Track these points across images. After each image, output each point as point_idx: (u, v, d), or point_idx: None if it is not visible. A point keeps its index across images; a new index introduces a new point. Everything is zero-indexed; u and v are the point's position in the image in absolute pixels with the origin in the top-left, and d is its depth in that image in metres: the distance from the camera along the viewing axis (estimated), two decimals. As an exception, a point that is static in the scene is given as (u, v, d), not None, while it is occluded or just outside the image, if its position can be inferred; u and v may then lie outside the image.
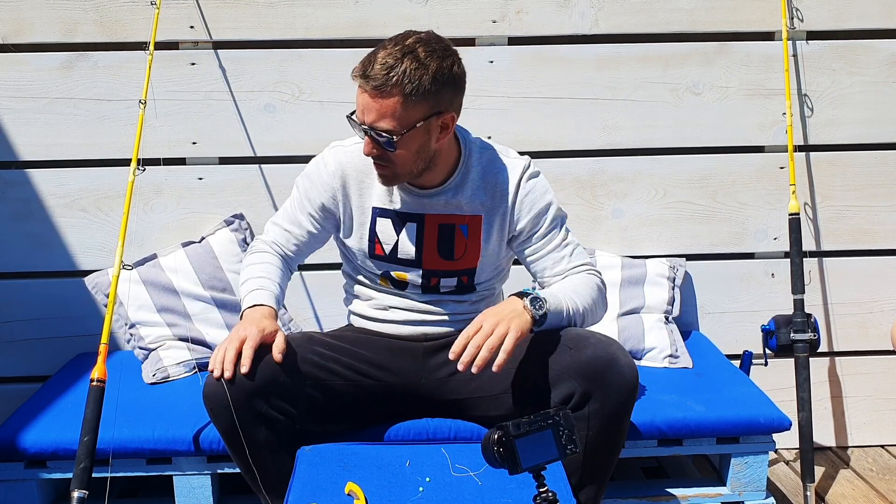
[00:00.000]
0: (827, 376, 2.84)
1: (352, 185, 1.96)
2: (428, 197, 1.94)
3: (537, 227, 1.97)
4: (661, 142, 2.68)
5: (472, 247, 1.96)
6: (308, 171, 2.02)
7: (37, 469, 2.11)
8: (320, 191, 1.98)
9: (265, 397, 1.77)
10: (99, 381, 1.84)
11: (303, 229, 2.01)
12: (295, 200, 2.03)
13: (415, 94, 1.75)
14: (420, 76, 1.74)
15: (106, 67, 2.53)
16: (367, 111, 1.77)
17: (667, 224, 2.72)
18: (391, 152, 1.80)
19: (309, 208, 2.00)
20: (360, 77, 1.76)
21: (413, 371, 1.98)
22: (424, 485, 1.71)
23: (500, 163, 1.97)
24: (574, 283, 1.93)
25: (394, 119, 1.76)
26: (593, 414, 1.78)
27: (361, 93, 1.77)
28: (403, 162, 1.83)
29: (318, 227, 2.01)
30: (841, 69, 2.65)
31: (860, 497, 2.56)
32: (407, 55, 1.74)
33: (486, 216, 1.95)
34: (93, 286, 2.50)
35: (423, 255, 1.96)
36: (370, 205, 1.96)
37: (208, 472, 2.12)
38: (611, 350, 1.79)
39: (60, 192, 2.58)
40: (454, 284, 2.00)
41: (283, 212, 2.05)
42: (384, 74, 1.73)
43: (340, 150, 1.98)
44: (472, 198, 1.94)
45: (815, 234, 2.75)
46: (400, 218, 1.95)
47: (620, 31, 2.61)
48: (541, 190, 1.97)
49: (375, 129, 1.77)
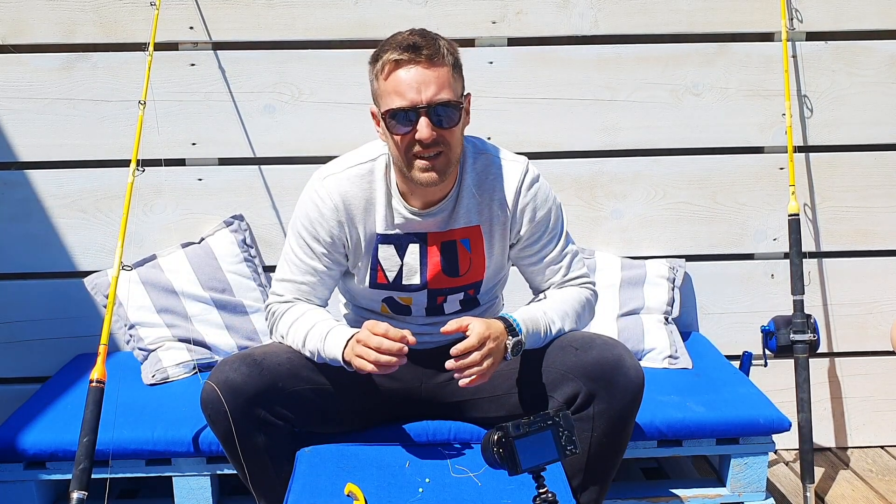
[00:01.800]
0: (826, 377, 2.83)
1: (356, 213, 1.84)
2: (426, 216, 1.85)
3: (535, 235, 1.90)
4: (661, 142, 2.67)
5: (476, 260, 1.90)
6: (304, 212, 1.86)
7: (36, 470, 2.10)
8: (326, 228, 1.84)
9: (264, 403, 1.76)
10: (98, 382, 1.84)
11: (318, 275, 1.88)
12: (298, 249, 1.87)
13: (456, 66, 1.73)
14: (455, 49, 1.73)
15: (105, 68, 2.53)
16: (425, 86, 1.66)
17: (666, 225, 2.72)
18: (455, 127, 1.72)
19: (320, 249, 1.86)
20: (407, 52, 1.65)
21: (414, 376, 1.97)
22: (424, 486, 1.71)
23: (495, 169, 1.86)
24: (562, 300, 1.89)
25: (451, 89, 1.70)
26: (598, 415, 1.77)
27: (410, 67, 1.66)
28: (457, 142, 1.75)
29: (332, 266, 1.89)
30: (840, 70, 2.65)
31: (860, 498, 2.56)
32: (432, 34, 1.71)
33: (485, 226, 1.88)
34: (92, 287, 2.50)
35: (427, 276, 1.88)
36: (373, 231, 1.85)
37: (208, 473, 2.12)
38: (617, 352, 1.78)
39: (60, 192, 2.58)
40: (460, 299, 1.95)
41: (287, 266, 1.90)
42: (433, 45, 1.67)
43: (334, 179, 1.83)
44: (468, 209, 1.85)
45: (814, 235, 2.75)
46: (402, 241, 1.86)
47: (620, 31, 2.61)
48: (542, 198, 1.89)
49: (438, 102, 1.68)
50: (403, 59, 1.67)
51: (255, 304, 2.53)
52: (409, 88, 1.67)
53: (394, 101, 1.69)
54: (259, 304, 2.53)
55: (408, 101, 1.68)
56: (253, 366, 1.76)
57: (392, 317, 1.96)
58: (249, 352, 1.84)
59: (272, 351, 1.85)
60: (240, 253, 2.56)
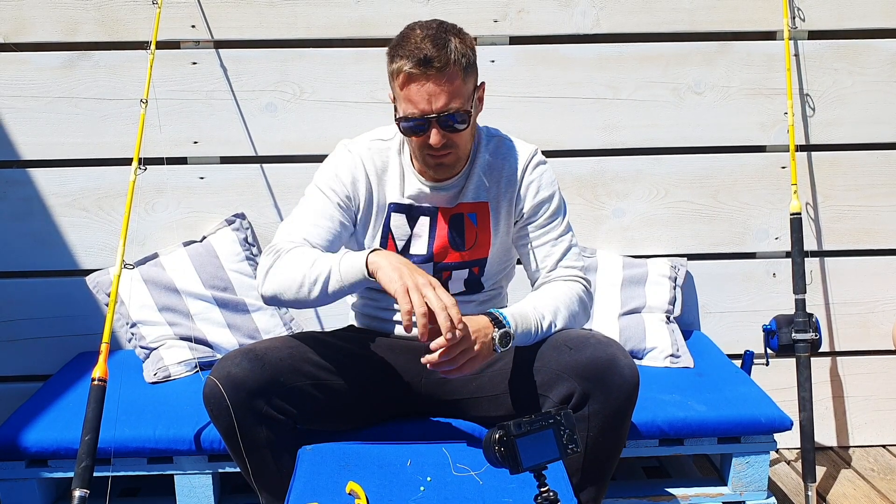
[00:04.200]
0: (828, 376, 2.83)
1: (373, 178, 1.94)
2: (439, 190, 1.93)
3: (535, 215, 1.96)
4: (663, 141, 2.67)
5: (482, 235, 1.96)
6: (326, 166, 1.95)
7: (38, 468, 2.11)
8: (346, 181, 1.92)
9: (266, 397, 1.77)
10: (100, 381, 1.84)
11: (334, 221, 1.90)
12: (316, 199, 1.91)
13: (468, 67, 1.79)
14: (466, 48, 1.78)
15: (107, 67, 2.53)
16: (436, 97, 1.75)
17: (668, 224, 2.72)
18: (464, 131, 1.80)
19: (336, 198, 1.91)
20: (418, 66, 1.73)
21: (414, 371, 1.97)
22: (425, 484, 1.71)
23: (505, 149, 1.97)
24: (552, 296, 1.90)
25: (461, 97, 1.77)
26: (594, 414, 1.77)
27: (423, 82, 1.74)
28: (466, 142, 1.86)
29: (345, 221, 1.92)
30: (842, 69, 2.65)
31: (861, 497, 2.56)
32: (445, 32, 1.77)
33: (492, 203, 1.95)
34: (94, 285, 2.50)
35: (434, 248, 1.96)
36: (386, 200, 1.95)
37: (209, 471, 2.12)
38: (610, 351, 1.78)
39: (62, 191, 2.59)
40: (464, 278, 1.99)
41: (303, 213, 1.90)
42: (444, 54, 1.73)
43: (355, 145, 1.96)
44: (478, 185, 1.94)
45: (816, 234, 2.74)
46: (414, 212, 1.95)
47: (622, 30, 2.61)
48: (546, 180, 1.97)
49: (447, 111, 1.76)
50: (415, 74, 1.74)
51: (256, 302, 2.53)
52: (421, 100, 1.76)
53: (407, 108, 1.79)
54: (261, 303, 2.52)
55: (419, 111, 1.77)
56: (255, 360, 1.77)
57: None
58: (251, 346, 1.85)
59: (274, 346, 1.86)
60: (241, 251, 2.56)
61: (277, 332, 2.49)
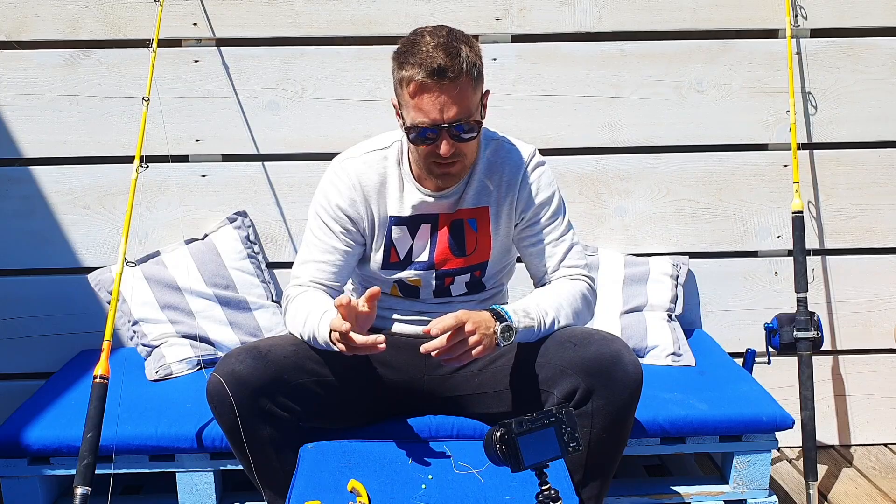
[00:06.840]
0: (830, 374, 2.83)
1: (370, 193, 1.92)
2: (439, 198, 1.92)
3: (536, 216, 1.95)
4: (665, 139, 2.67)
5: (482, 240, 1.96)
6: (322, 194, 1.94)
7: (40, 465, 2.11)
8: (344, 206, 1.91)
9: (269, 395, 1.77)
10: (102, 378, 1.85)
11: (338, 253, 1.93)
12: (318, 230, 1.94)
13: (478, 77, 1.78)
14: (476, 56, 1.77)
15: (109, 65, 2.53)
16: (447, 107, 1.73)
17: (670, 222, 2.72)
18: (469, 142, 1.80)
19: (338, 228, 1.92)
20: (431, 76, 1.70)
21: (416, 368, 1.98)
22: (427, 482, 1.71)
23: (504, 151, 1.95)
24: (555, 292, 1.91)
25: (471, 106, 1.77)
26: (597, 411, 1.78)
27: (436, 93, 1.72)
28: (473, 151, 1.85)
29: (351, 245, 1.94)
30: (845, 67, 2.64)
31: (863, 495, 2.55)
32: (455, 40, 1.74)
33: (492, 206, 1.94)
34: (96, 283, 2.50)
35: (435, 256, 1.94)
36: (387, 214, 1.93)
37: (211, 469, 2.12)
38: (615, 347, 1.78)
39: (64, 189, 2.59)
40: (466, 281, 1.99)
41: (307, 248, 1.95)
42: (457, 64, 1.71)
43: (351, 161, 1.93)
44: (477, 191, 1.93)
45: (818, 233, 2.74)
46: (414, 222, 1.93)
47: (624, 28, 2.60)
48: (546, 181, 1.96)
49: (458, 122, 1.75)
50: (428, 84, 1.72)
51: (258, 300, 2.53)
52: (433, 110, 1.74)
53: (417, 117, 1.76)
54: (262, 301, 2.53)
55: (430, 121, 1.75)
56: (258, 358, 1.78)
57: (402, 299, 2.01)
58: (255, 344, 1.86)
59: (277, 343, 1.87)
60: (243, 249, 2.56)
61: (279, 330, 2.49)
